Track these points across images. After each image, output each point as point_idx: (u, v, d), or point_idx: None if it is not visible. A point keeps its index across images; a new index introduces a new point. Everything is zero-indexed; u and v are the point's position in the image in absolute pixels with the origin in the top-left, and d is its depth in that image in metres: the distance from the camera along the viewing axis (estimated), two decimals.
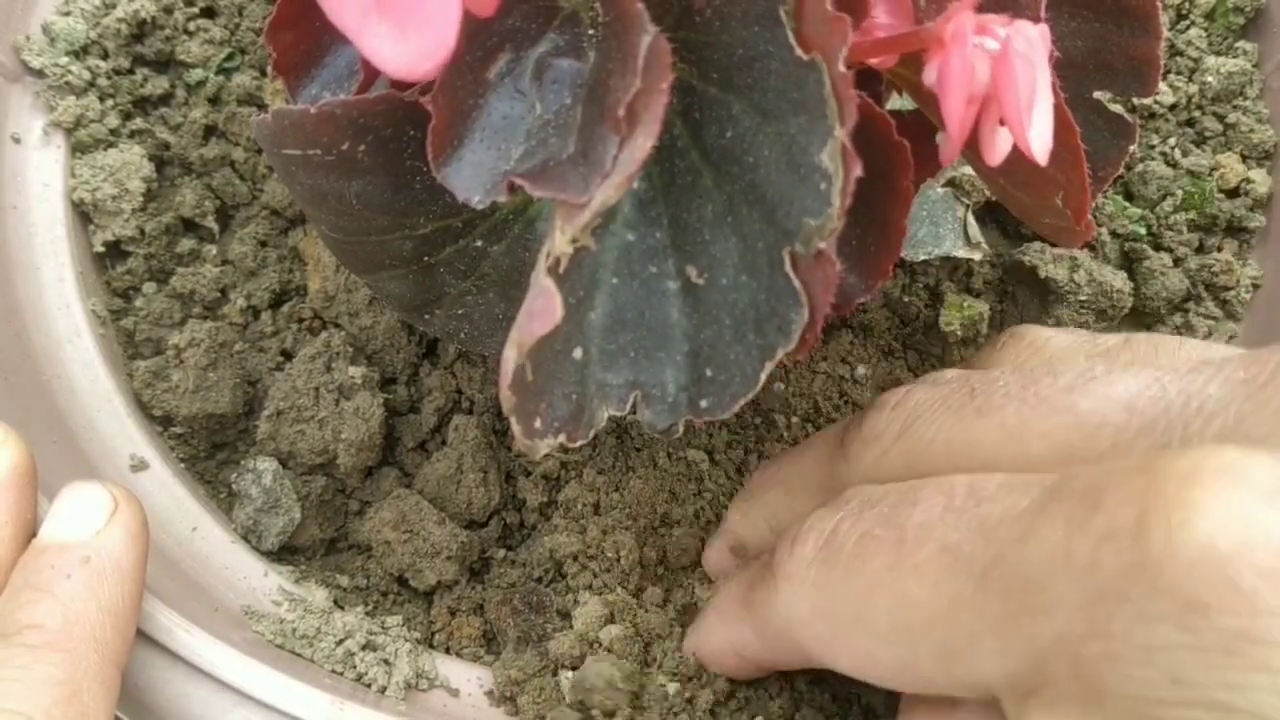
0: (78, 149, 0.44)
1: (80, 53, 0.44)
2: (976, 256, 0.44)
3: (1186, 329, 0.45)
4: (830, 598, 0.28)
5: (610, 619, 0.38)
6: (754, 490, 0.39)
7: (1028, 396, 0.28)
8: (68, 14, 0.45)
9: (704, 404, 0.28)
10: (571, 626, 0.38)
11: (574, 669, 0.37)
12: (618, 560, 0.39)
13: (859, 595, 0.27)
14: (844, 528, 0.28)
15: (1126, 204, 0.47)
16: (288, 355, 0.43)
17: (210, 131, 0.46)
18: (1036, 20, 0.27)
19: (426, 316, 0.35)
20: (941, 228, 0.44)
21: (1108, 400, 0.26)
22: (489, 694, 0.38)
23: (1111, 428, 0.26)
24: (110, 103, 0.45)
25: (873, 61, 0.28)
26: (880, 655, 0.27)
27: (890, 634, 0.26)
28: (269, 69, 0.46)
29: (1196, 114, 0.48)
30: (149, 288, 0.44)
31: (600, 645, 0.37)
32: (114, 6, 0.45)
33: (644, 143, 0.24)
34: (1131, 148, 0.35)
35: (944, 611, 0.24)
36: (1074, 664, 0.22)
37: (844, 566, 0.27)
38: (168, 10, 0.46)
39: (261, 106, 0.46)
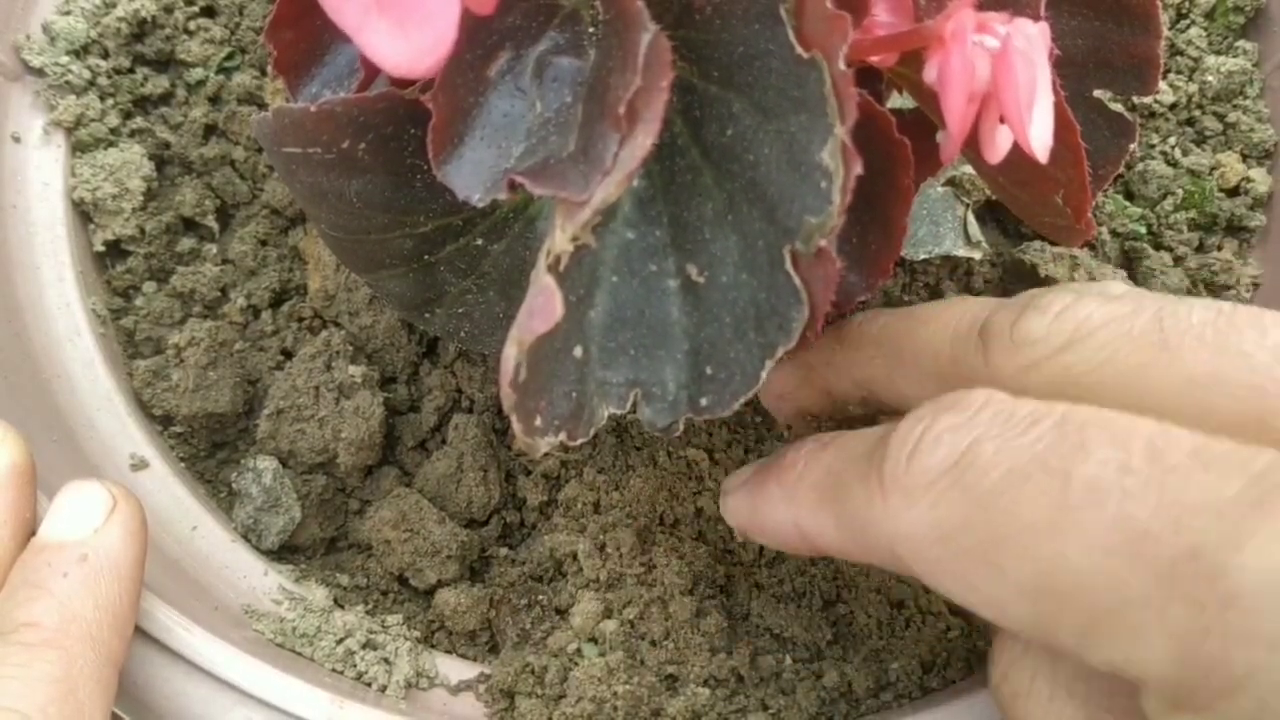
0: (78, 148, 0.44)
1: (80, 52, 0.44)
2: (976, 255, 0.44)
3: None
4: (958, 528, 0.24)
5: (607, 615, 0.38)
6: (851, 340, 0.34)
7: (1227, 347, 0.25)
8: (68, 13, 0.45)
9: (704, 402, 0.28)
10: (570, 624, 0.38)
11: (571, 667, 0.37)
12: (618, 558, 0.39)
13: (1000, 538, 0.23)
14: (985, 451, 0.24)
15: (1127, 203, 0.47)
16: (288, 354, 0.43)
17: (210, 131, 0.46)
18: (1036, 18, 0.27)
19: (427, 315, 0.35)
20: (941, 226, 0.44)
21: None
22: (489, 692, 0.38)
23: None
24: (110, 102, 0.45)
25: (873, 60, 0.28)
26: (1010, 607, 0.24)
27: (1030, 591, 0.23)
28: (269, 68, 0.46)
29: (1196, 113, 0.48)
30: (149, 287, 0.44)
31: (597, 642, 0.37)
32: (114, 6, 0.45)
33: (644, 141, 0.24)
34: (1131, 146, 0.35)
35: (1107, 590, 0.22)
36: (1261, 703, 0.20)
37: (983, 500, 0.24)
38: (168, 9, 0.46)
39: (262, 105, 0.46)
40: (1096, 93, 0.35)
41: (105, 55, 0.45)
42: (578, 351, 0.28)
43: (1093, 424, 0.23)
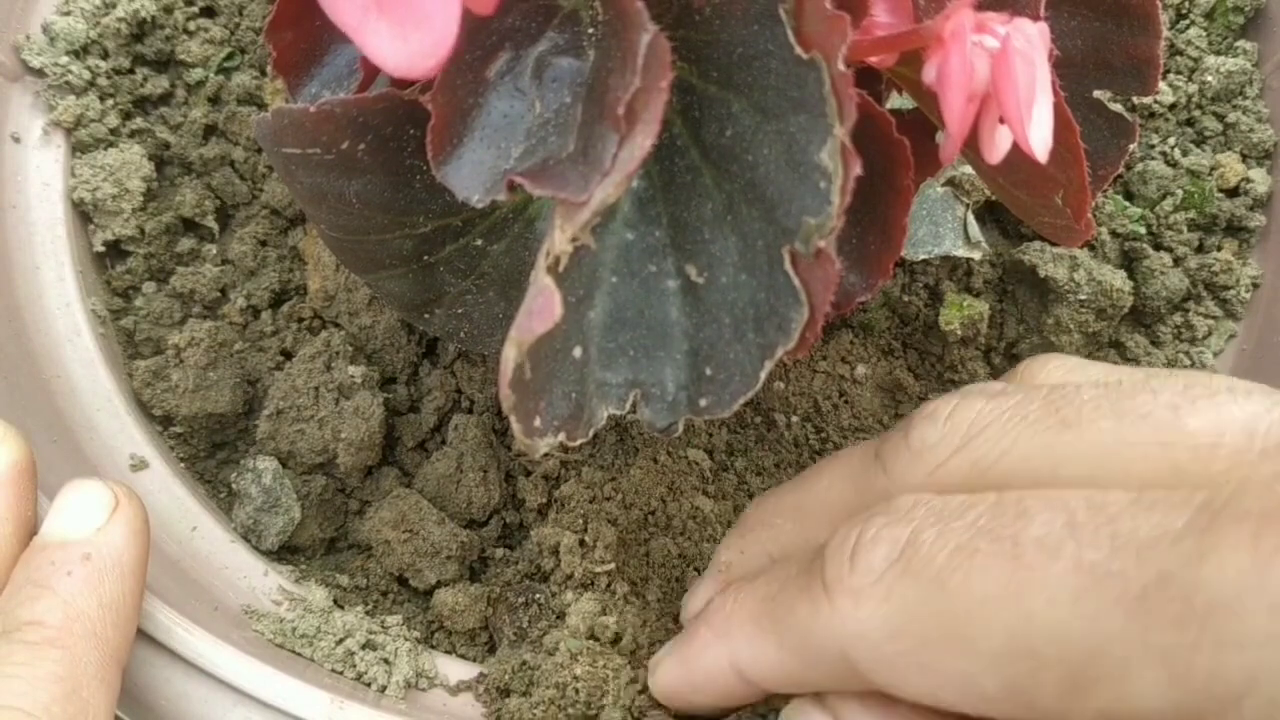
0: (78, 148, 0.44)
1: (80, 52, 0.44)
2: (976, 256, 0.44)
3: (1186, 328, 0.45)
4: (915, 615, 0.25)
5: (603, 614, 0.38)
6: (753, 523, 0.36)
7: (1125, 411, 0.26)
8: (68, 13, 0.45)
9: (703, 403, 0.28)
10: (565, 624, 0.38)
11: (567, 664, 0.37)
12: (606, 555, 0.39)
13: (961, 614, 0.24)
14: (927, 538, 0.25)
15: (1126, 203, 0.47)
16: (288, 355, 0.43)
17: (210, 131, 0.46)
18: (1036, 18, 0.27)
19: (426, 316, 0.36)
20: (941, 227, 0.44)
21: (1222, 420, 0.24)
22: (487, 692, 0.38)
23: (1228, 449, 0.24)
24: (110, 102, 0.45)
25: (872, 60, 0.28)
26: (984, 680, 0.24)
27: (1004, 657, 0.24)
28: (269, 68, 0.46)
29: (1196, 113, 0.48)
30: (149, 287, 0.44)
31: (594, 642, 0.37)
32: (114, 6, 0.45)
33: (643, 141, 0.24)
34: (1131, 147, 0.35)
35: (1083, 635, 0.22)
36: (1271, 701, 0.20)
37: (935, 581, 0.25)
38: (168, 10, 0.46)
39: (261, 106, 0.46)
40: (1096, 93, 0.35)
41: (105, 55, 0.45)
42: (577, 352, 0.28)
43: (1029, 496, 0.25)
